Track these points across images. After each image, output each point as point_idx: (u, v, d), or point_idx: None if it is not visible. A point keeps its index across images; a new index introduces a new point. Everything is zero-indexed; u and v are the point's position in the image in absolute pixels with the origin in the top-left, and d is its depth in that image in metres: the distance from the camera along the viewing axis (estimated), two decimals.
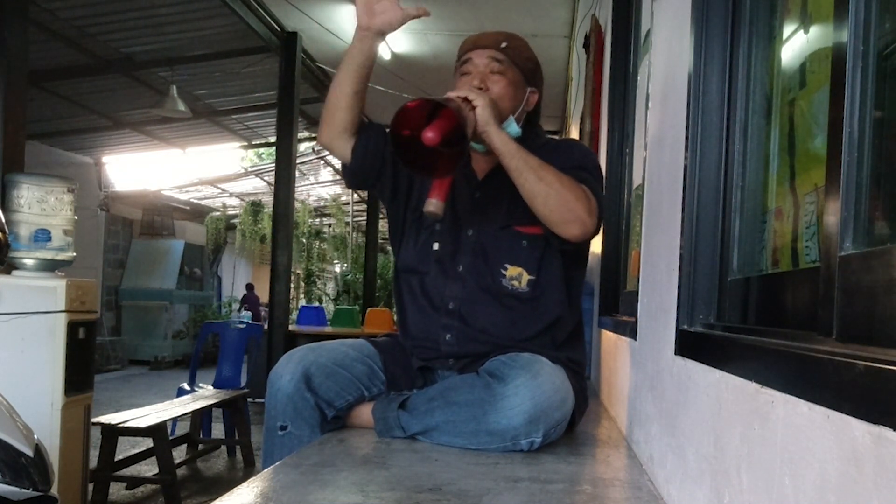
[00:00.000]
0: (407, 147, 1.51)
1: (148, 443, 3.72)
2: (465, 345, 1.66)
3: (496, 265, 1.67)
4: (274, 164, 7.36)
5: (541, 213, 1.56)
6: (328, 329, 7.24)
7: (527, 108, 1.77)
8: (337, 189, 13.76)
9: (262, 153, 14.90)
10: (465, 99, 1.55)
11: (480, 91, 1.61)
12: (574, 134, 4.68)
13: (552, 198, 1.54)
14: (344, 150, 1.70)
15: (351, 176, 1.76)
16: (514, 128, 1.69)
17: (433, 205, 1.56)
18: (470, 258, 1.69)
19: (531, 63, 1.77)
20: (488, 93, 1.65)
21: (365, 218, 12.07)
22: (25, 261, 3.03)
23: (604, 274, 2.63)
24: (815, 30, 0.90)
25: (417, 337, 1.71)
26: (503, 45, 1.72)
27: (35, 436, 1.99)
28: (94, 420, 3.29)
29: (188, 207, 13.20)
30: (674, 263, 1.19)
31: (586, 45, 3.53)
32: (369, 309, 7.93)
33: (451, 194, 1.62)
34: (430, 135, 1.47)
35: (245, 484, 1.18)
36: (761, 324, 0.94)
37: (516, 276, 1.67)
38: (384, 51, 6.39)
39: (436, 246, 1.72)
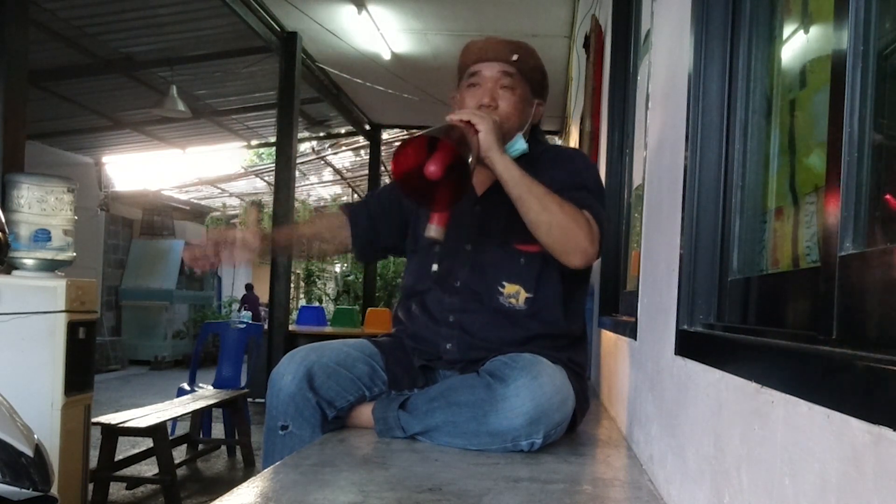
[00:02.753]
0: (409, 179, 1.50)
1: (148, 443, 3.71)
2: (465, 352, 1.66)
3: (493, 282, 1.67)
4: (274, 164, 7.36)
5: (543, 241, 1.55)
6: (328, 329, 7.24)
7: (533, 121, 1.77)
8: (337, 189, 13.76)
9: (262, 153, 14.90)
10: (468, 122, 1.53)
11: (484, 114, 1.58)
12: (574, 134, 4.68)
13: (555, 228, 1.53)
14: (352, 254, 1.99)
15: (360, 260, 2.13)
16: (521, 144, 1.68)
17: (434, 230, 1.54)
18: (468, 273, 1.69)
19: (539, 74, 1.76)
20: (496, 110, 1.65)
21: None
22: (25, 261, 3.03)
23: (604, 274, 2.63)
24: (815, 30, 0.90)
25: (420, 339, 1.72)
26: (514, 57, 1.69)
27: (35, 436, 1.99)
28: (94, 420, 3.29)
29: (188, 207, 13.20)
30: (674, 263, 1.19)
31: (586, 45, 3.53)
32: (369, 309, 7.93)
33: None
34: (432, 168, 1.45)
35: (245, 484, 1.18)
36: (761, 324, 0.94)
37: (514, 294, 1.66)
38: (384, 51, 6.39)
39: (435, 267, 1.72)
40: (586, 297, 1.83)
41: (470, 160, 1.46)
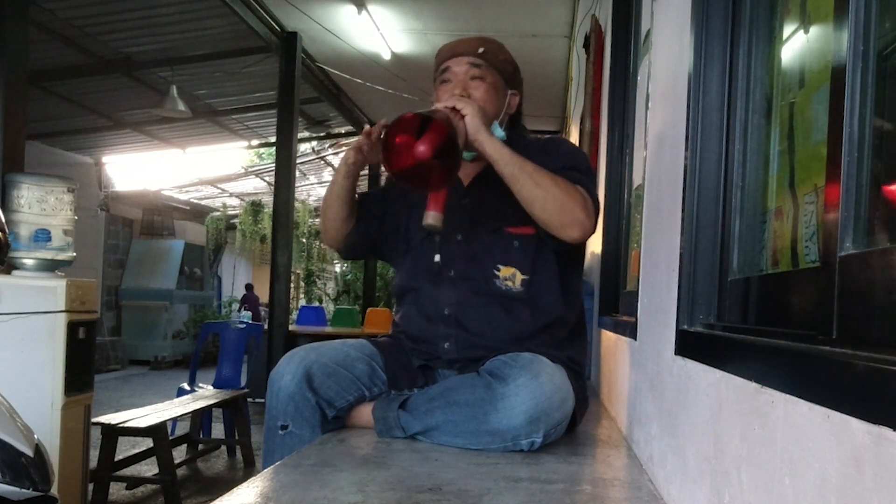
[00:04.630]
0: (401, 163, 1.51)
1: (148, 443, 3.72)
2: (464, 351, 1.66)
3: (488, 267, 1.67)
4: (274, 164, 7.36)
5: (539, 218, 1.56)
6: (328, 329, 7.24)
7: (509, 110, 1.79)
8: None
9: (262, 153, 14.90)
10: (453, 108, 1.55)
11: (467, 99, 1.62)
12: (574, 134, 4.68)
13: (550, 202, 1.54)
14: (341, 247, 1.87)
15: (345, 256, 1.96)
16: (499, 133, 1.69)
17: (432, 217, 1.56)
18: (461, 263, 1.70)
19: (509, 65, 1.78)
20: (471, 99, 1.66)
21: None
22: (25, 261, 3.02)
23: (604, 274, 2.63)
24: (814, 30, 0.90)
25: (418, 340, 1.72)
26: (480, 50, 1.72)
27: (35, 436, 1.99)
28: (94, 420, 3.29)
29: (188, 207, 13.20)
30: (674, 263, 1.19)
31: (586, 45, 3.53)
32: (369, 309, 7.93)
33: None
34: (421, 148, 1.48)
35: (245, 484, 1.18)
36: (761, 324, 0.94)
37: (510, 277, 1.67)
38: (384, 51, 6.39)
39: (437, 258, 1.72)
40: (582, 279, 1.84)
41: (459, 142, 1.48)
